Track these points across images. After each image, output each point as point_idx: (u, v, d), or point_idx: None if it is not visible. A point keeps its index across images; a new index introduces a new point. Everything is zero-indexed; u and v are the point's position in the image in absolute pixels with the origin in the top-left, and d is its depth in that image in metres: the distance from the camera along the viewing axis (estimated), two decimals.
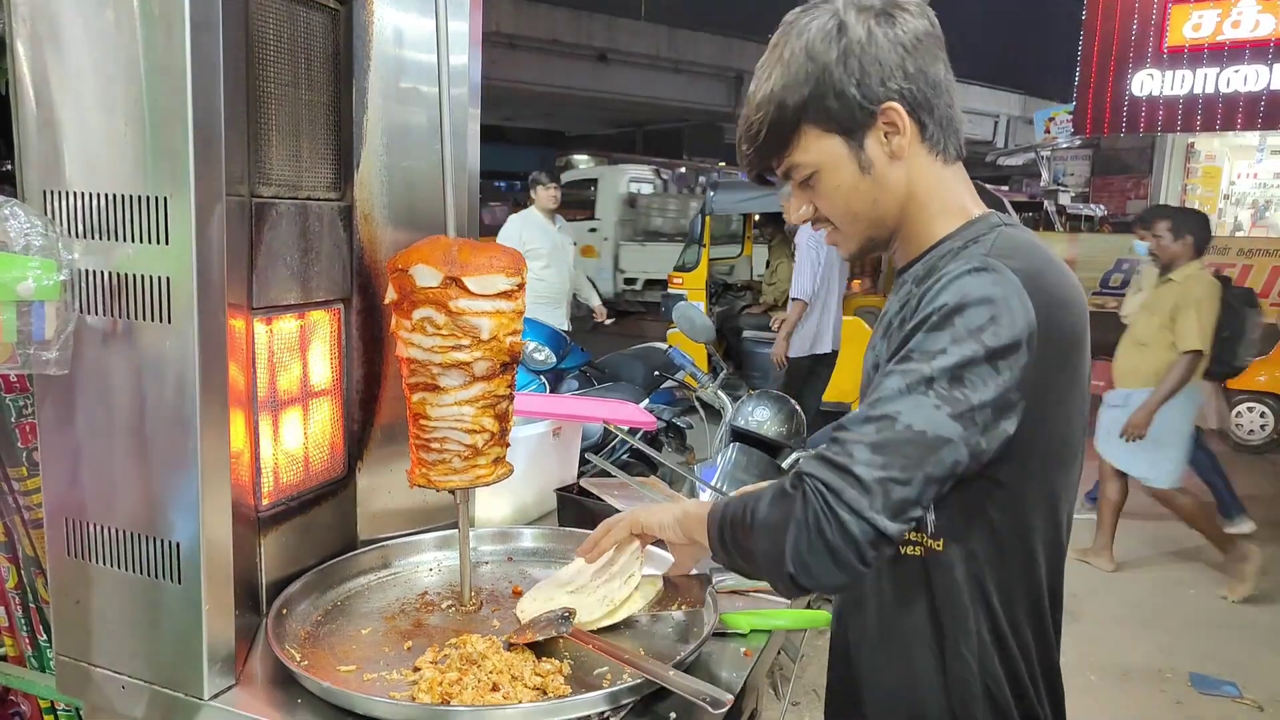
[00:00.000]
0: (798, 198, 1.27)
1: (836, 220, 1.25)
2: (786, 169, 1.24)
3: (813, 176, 1.22)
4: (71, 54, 1.12)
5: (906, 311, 1.14)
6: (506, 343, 1.35)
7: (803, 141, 1.21)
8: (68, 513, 1.24)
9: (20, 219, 1.08)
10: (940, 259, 1.18)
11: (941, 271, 1.11)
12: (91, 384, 1.19)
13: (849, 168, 1.20)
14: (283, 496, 1.45)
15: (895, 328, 1.15)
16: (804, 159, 1.21)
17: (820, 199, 1.24)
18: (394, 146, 1.57)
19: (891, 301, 1.25)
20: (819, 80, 1.17)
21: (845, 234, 1.26)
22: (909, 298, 1.16)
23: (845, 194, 1.22)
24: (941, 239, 1.22)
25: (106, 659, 1.25)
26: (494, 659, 1.25)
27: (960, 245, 1.17)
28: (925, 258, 1.23)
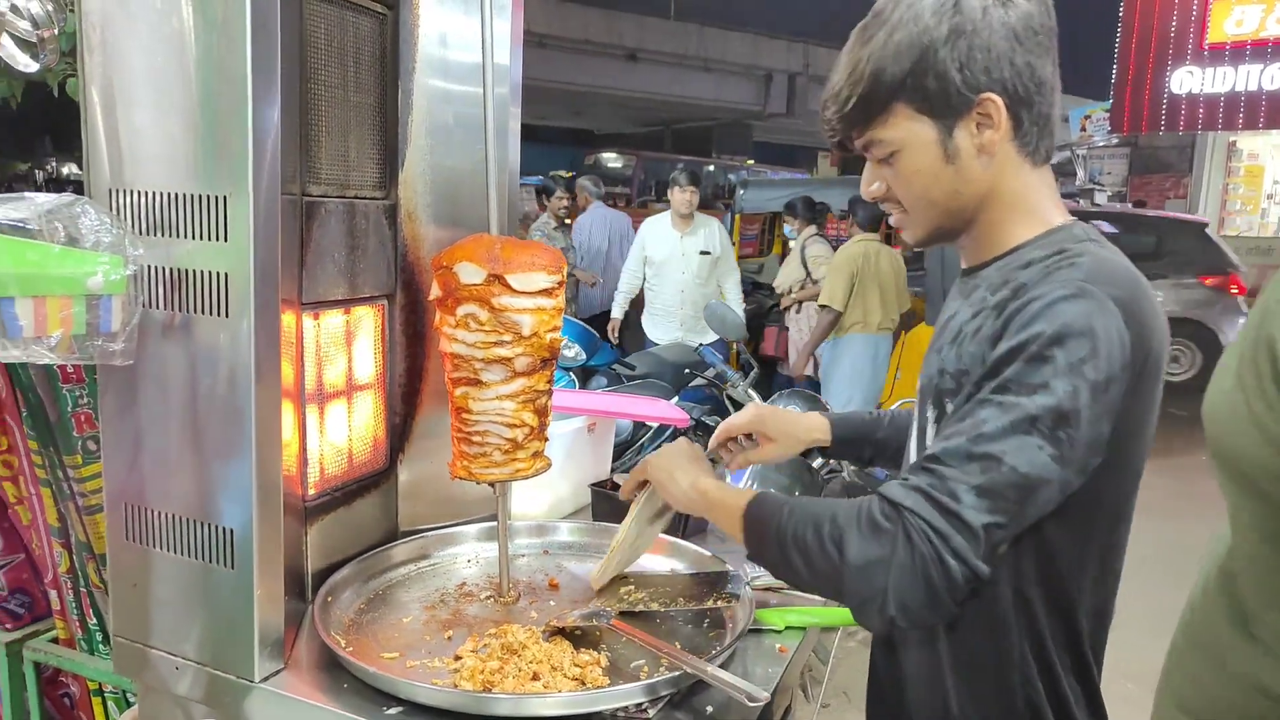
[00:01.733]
0: (873, 172, 1.22)
1: (909, 204, 1.21)
2: (867, 142, 1.19)
3: (894, 155, 1.17)
4: (138, 59, 1.17)
5: (986, 324, 1.11)
6: (547, 339, 1.38)
7: (891, 118, 1.15)
8: (127, 499, 1.28)
9: (91, 216, 1.12)
10: (1019, 269, 1.14)
11: (1034, 292, 1.06)
12: (152, 375, 1.23)
13: (933, 153, 1.16)
14: (328, 487, 1.49)
15: (970, 337, 1.13)
16: (888, 136, 1.16)
17: (897, 180, 1.19)
18: (437, 146, 1.60)
19: (959, 305, 1.21)
20: (922, 57, 1.11)
21: (914, 219, 1.22)
22: (983, 305, 1.14)
23: (924, 180, 1.17)
24: (1019, 245, 1.18)
25: (161, 641, 1.29)
26: (534, 649, 1.28)
27: (1044, 257, 1.13)
28: (999, 262, 1.19)
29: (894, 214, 1.24)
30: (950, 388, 1.17)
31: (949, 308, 1.27)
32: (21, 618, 1.86)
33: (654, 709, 1.17)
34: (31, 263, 1.08)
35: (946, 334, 1.22)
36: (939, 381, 1.19)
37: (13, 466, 1.79)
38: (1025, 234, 1.19)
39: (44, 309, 1.09)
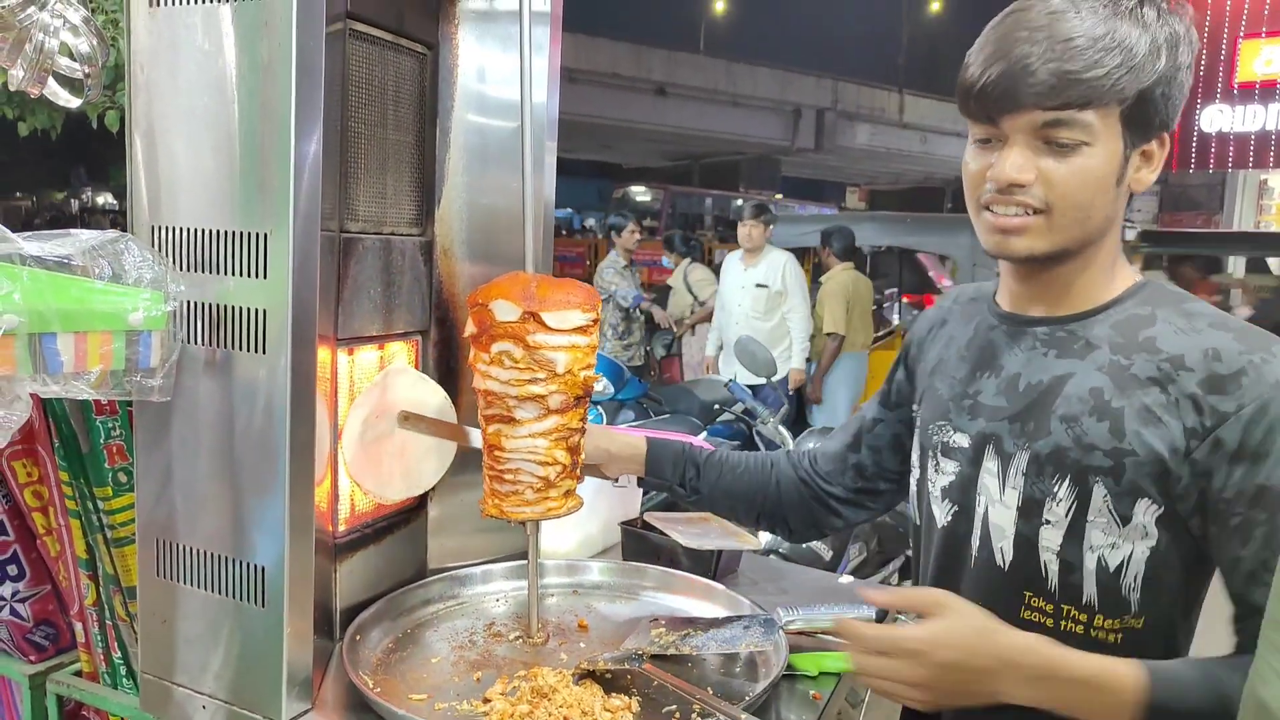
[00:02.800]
0: (1027, 157, 1.12)
1: (1062, 206, 1.13)
2: (1066, 120, 1.10)
3: (1079, 147, 1.11)
4: (183, 99, 1.18)
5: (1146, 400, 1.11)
6: (581, 377, 1.37)
7: (1105, 109, 1.09)
8: (158, 533, 1.28)
9: (134, 253, 1.13)
10: (1145, 328, 1.14)
11: (1258, 397, 1.05)
12: (187, 410, 1.23)
13: (1111, 166, 1.12)
14: (358, 524, 1.48)
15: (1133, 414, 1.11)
16: (1094, 123, 1.10)
17: (1067, 174, 1.11)
18: (474, 182, 1.61)
19: (1069, 365, 1.18)
20: (1163, 79, 1.09)
21: (1055, 225, 1.14)
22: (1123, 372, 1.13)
23: (1092, 185, 1.12)
24: (1119, 298, 1.18)
25: (188, 678, 1.28)
26: (564, 693, 1.26)
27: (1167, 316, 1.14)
28: (1104, 316, 1.18)
29: (1014, 214, 1.15)
30: (1105, 466, 1.13)
31: (1046, 363, 1.22)
32: (46, 650, 1.85)
33: None
34: (74, 298, 1.08)
35: (1073, 402, 1.17)
36: (1082, 457, 1.15)
37: (43, 497, 1.79)
38: (1119, 286, 1.18)
39: (85, 344, 1.09)
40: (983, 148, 1.17)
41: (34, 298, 1.04)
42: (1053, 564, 1.19)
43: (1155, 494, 1.12)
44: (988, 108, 1.13)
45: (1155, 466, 1.11)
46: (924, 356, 1.45)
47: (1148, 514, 1.13)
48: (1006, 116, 1.11)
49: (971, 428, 1.28)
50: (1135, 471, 1.12)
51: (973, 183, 1.19)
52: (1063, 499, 1.17)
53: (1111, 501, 1.14)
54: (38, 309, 1.05)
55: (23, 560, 1.83)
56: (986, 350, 1.30)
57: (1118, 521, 1.14)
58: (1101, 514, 1.15)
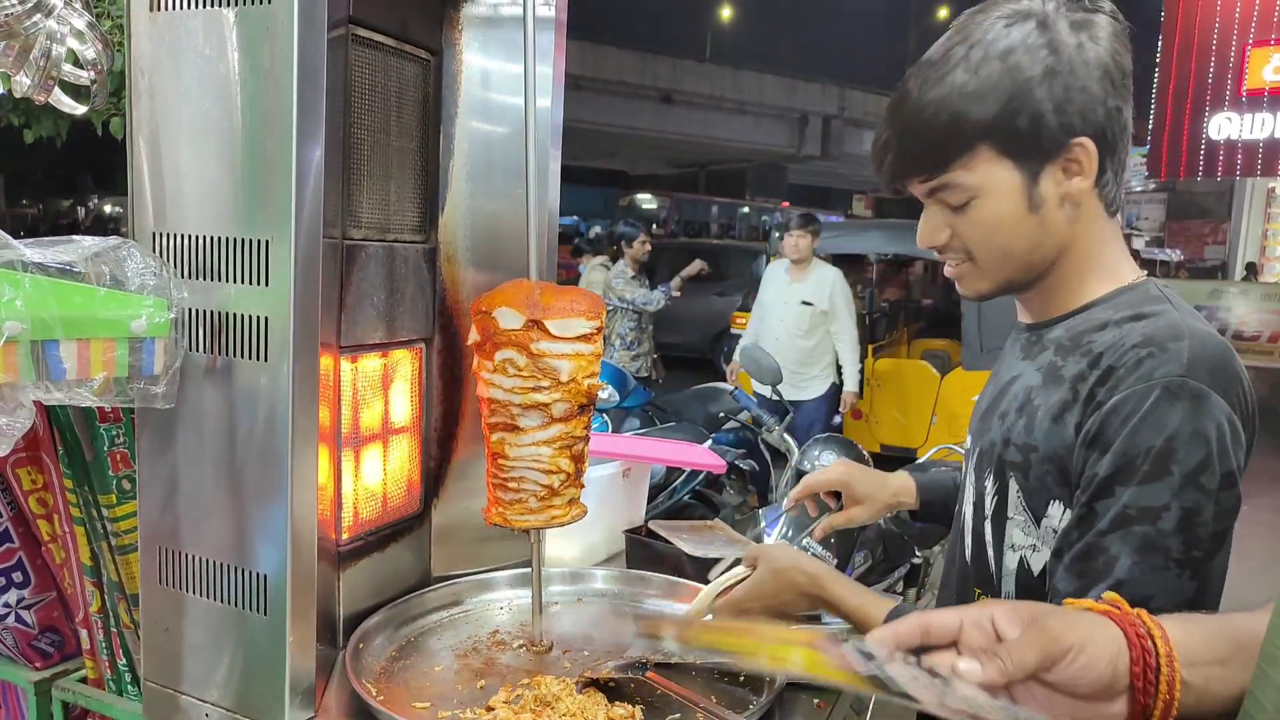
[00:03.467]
0: (936, 218, 1.14)
1: (980, 255, 1.13)
2: (939, 186, 1.11)
3: (970, 202, 1.10)
4: (185, 105, 1.18)
5: (1060, 398, 1.07)
6: (585, 385, 1.36)
7: (972, 162, 1.07)
8: (161, 541, 1.28)
9: (136, 259, 1.13)
10: (1093, 331, 1.09)
11: (1128, 390, 1.00)
12: (190, 417, 1.23)
13: (1016, 202, 1.09)
14: (361, 532, 1.48)
15: (1044, 411, 1.09)
16: (967, 181, 1.09)
17: (970, 228, 1.12)
18: (477, 190, 1.61)
19: (1023, 367, 1.17)
20: (1013, 97, 1.04)
21: (984, 271, 1.15)
22: (1054, 373, 1.10)
23: (1004, 230, 1.10)
24: (1090, 303, 1.14)
25: (192, 686, 1.28)
26: (567, 701, 1.25)
27: (1120, 320, 1.08)
28: (1068, 322, 1.15)
29: (953, 264, 1.17)
30: (1017, 461, 1.13)
31: (1009, 367, 1.23)
32: (51, 656, 1.85)
33: None
34: (77, 305, 1.08)
35: (1010, 398, 1.17)
36: (1003, 452, 1.15)
37: (47, 504, 1.79)
38: (1096, 290, 1.14)
39: (88, 352, 1.09)
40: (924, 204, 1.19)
41: (36, 305, 1.04)
42: (991, 561, 1.20)
43: (1061, 495, 1.09)
44: (884, 181, 1.17)
45: (1055, 464, 1.08)
46: None
47: (1060, 518, 1.09)
48: (900, 187, 1.16)
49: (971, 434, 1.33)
50: (1039, 468, 1.10)
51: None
52: (990, 494, 1.18)
53: (1024, 499, 1.13)
54: (40, 316, 1.05)
55: (28, 567, 1.83)
56: (1000, 362, 1.32)
57: (1033, 520, 1.12)
58: (1019, 511, 1.14)
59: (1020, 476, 1.13)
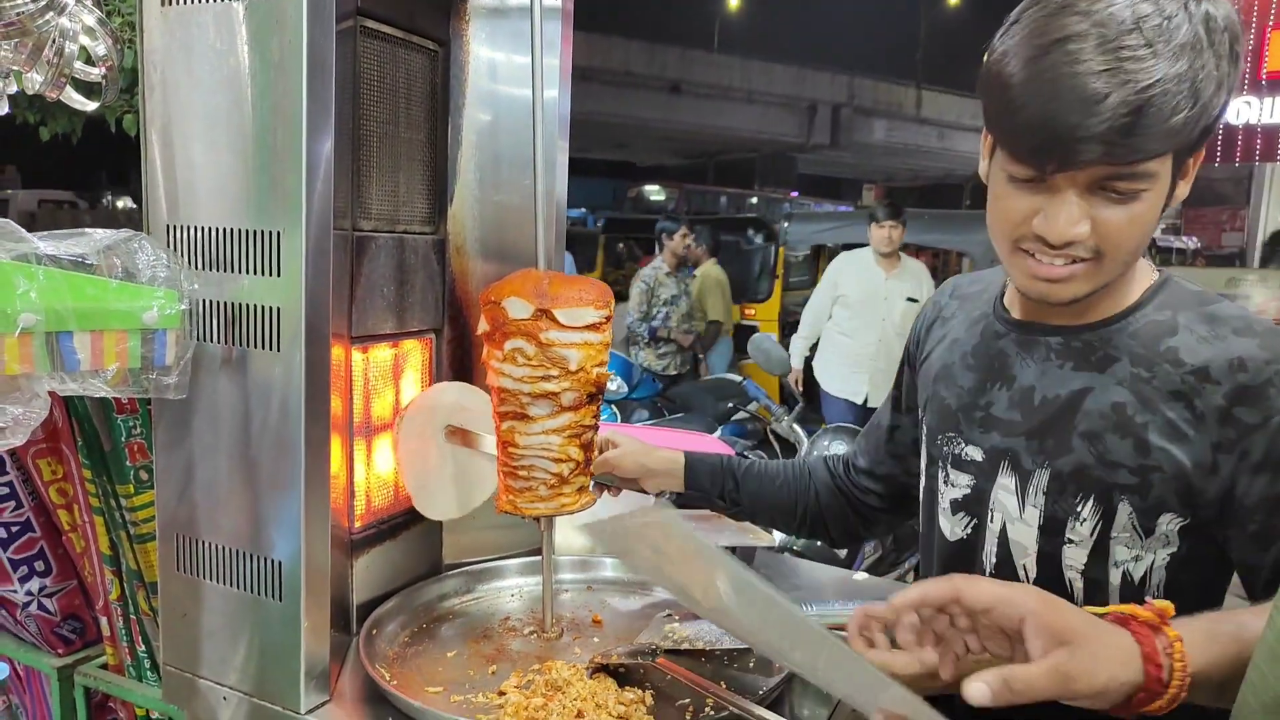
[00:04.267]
0: (1079, 210, 1.02)
1: (1113, 252, 1.05)
2: (1135, 172, 0.99)
3: (1139, 194, 1.01)
4: (196, 98, 1.19)
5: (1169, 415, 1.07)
6: (593, 374, 1.37)
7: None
8: (178, 529, 1.30)
9: (148, 251, 1.15)
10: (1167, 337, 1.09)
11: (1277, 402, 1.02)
12: (204, 407, 1.25)
13: (1163, 200, 1.03)
14: (374, 520, 1.50)
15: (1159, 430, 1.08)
16: (1159, 170, 1.00)
17: (1125, 222, 1.02)
18: (486, 181, 1.62)
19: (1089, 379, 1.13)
20: (1219, 88, 0.98)
21: (1101, 270, 1.06)
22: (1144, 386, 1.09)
23: (1145, 228, 1.04)
24: (1136, 304, 1.13)
25: (210, 671, 1.30)
26: (578, 686, 1.26)
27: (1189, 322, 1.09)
28: (1121, 324, 1.13)
29: (1063, 263, 1.05)
30: (1131, 484, 1.10)
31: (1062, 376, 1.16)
32: (73, 643, 1.88)
33: None
34: (90, 297, 1.10)
35: (1092, 418, 1.12)
36: (1105, 475, 1.11)
37: (67, 495, 1.81)
38: (1140, 287, 1.14)
39: (101, 343, 1.11)
40: (1024, 186, 1.05)
41: (50, 296, 1.06)
42: (1078, 581, 1.17)
43: (1179, 506, 1.09)
44: (1044, 159, 1.00)
45: (1180, 481, 1.08)
46: (926, 358, 1.40)
47: (1171, 525, 1.10)
48: (1065, 172, 1.00)
49: (985, 441, 1.24)
50: (1161, 488, 1.09)
51: (1010, 222, 1.08)
52: (1087, 518, 1.14)
53: (1137, 518, 1.11)
54: (54, 307, 1.06)
55: (49, 556, 1.85)
56: (996, 360, 1.25)
57: (1140, 534, 1.12)
58: (1125, 530, 1.12)
59: (1136, 498, 1.11)
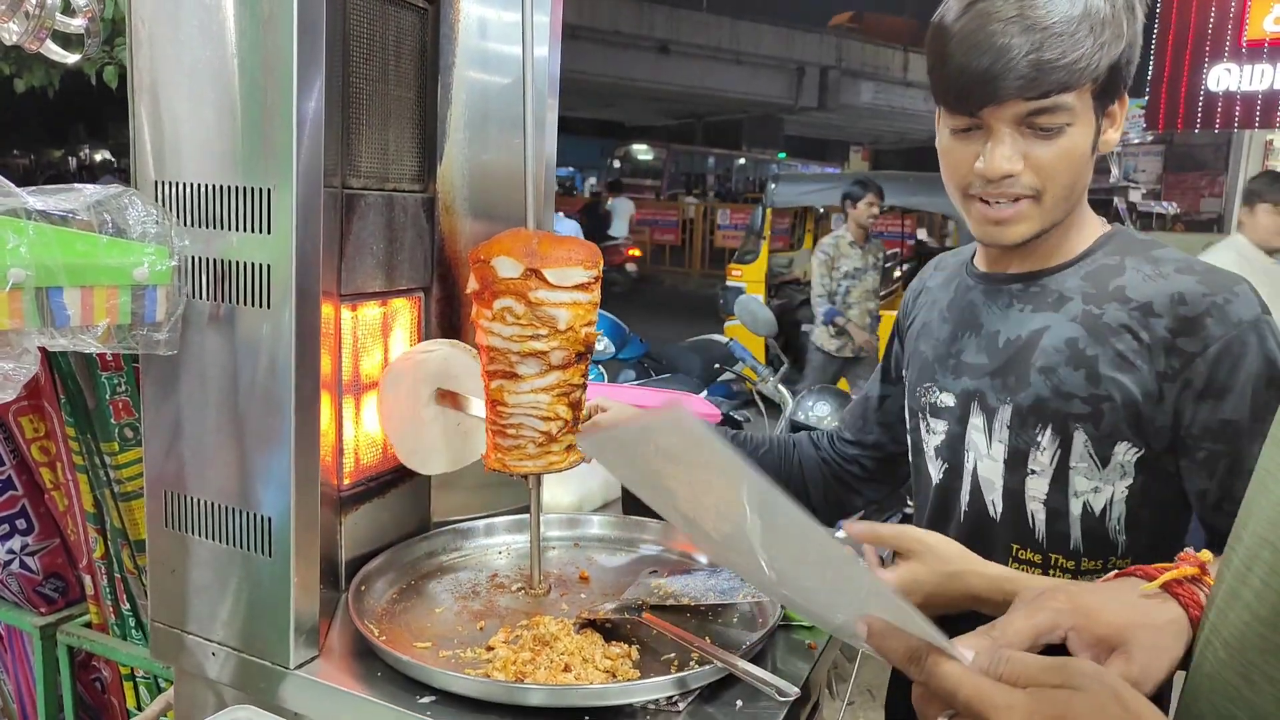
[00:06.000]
0: (1013, 146, 1.13)
1: (1050, 188, 1.15)
2: (1047, 107, 1.10)
3: (1064, 129, 1.12)
4: (185, 53, 1.18)
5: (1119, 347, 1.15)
6: (582, 333, 1.38)
7: (1081, 89, 1.10)
8: (167, 485, 1.30)
9: (138, 208, 1.14)
10: (1114, 276, 1.17)
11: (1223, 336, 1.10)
12: (193, 364, 1.25)
13: (1089, 139, 1.14)
14: (362, 477, 1.50)
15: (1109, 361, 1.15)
16: (1076, 105, 1.11)
17: (1054, 157, 1.13)
18: (475, 139, 1.61)
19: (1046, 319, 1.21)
20: (1132, 34, 1.11)
21: (1042, 209, 1.17)
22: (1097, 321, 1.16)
23: (1077, 164, 1.15)
24: (1089, 250, 1.21)
25: (198, 626, 1.31)
26: (565, 641, 1.28)
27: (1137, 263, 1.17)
28: (1074, 269, 1.21)
29: (1007, 201, 1.17)
30: (1084, 413, 1.17)
31: (1022, 318, 1.25)
32: (55, 602, 1.89)
33: (684, 702, 1.18)
34: (80, 253, 1.10)
35: (1047, 352, 1.20)
36: (1061, 405, 1.19)
37: (50, 452, 1.82)
38: (1089, 237, 1.22)
39: (91, 299, 1.11)
40: (963, 136, 1.18)
41: (40, 251, 1.06)
42: (1040, 513, 1.24)
43: (1132, 436, 1.17)
44: (968, 102, 1.13)
45: (1130, 410, 1.16)
46: (911, 325, 1.48)
47: (1127, 455, 1.18)
48: (989, 108, 1.12)
49: (956, 386, 1.32)
50: (1112, 416, 1.16)
51: (958, 172, 1.20)
52: (1046, 448, 1.21)
53: (1092, 446, 1.19)
54: (44, 263, 1.06)
55: (31, 514, 1.86)
56: (967, 310, 1.33)
57: (1098, 464, 1.19)
58: (1083, 459, 1.20)
59: (1090, 426, 1.18)
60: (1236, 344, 1.10)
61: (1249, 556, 0.69)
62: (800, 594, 0.93)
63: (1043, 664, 0.68)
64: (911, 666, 0.70)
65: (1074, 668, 0.66)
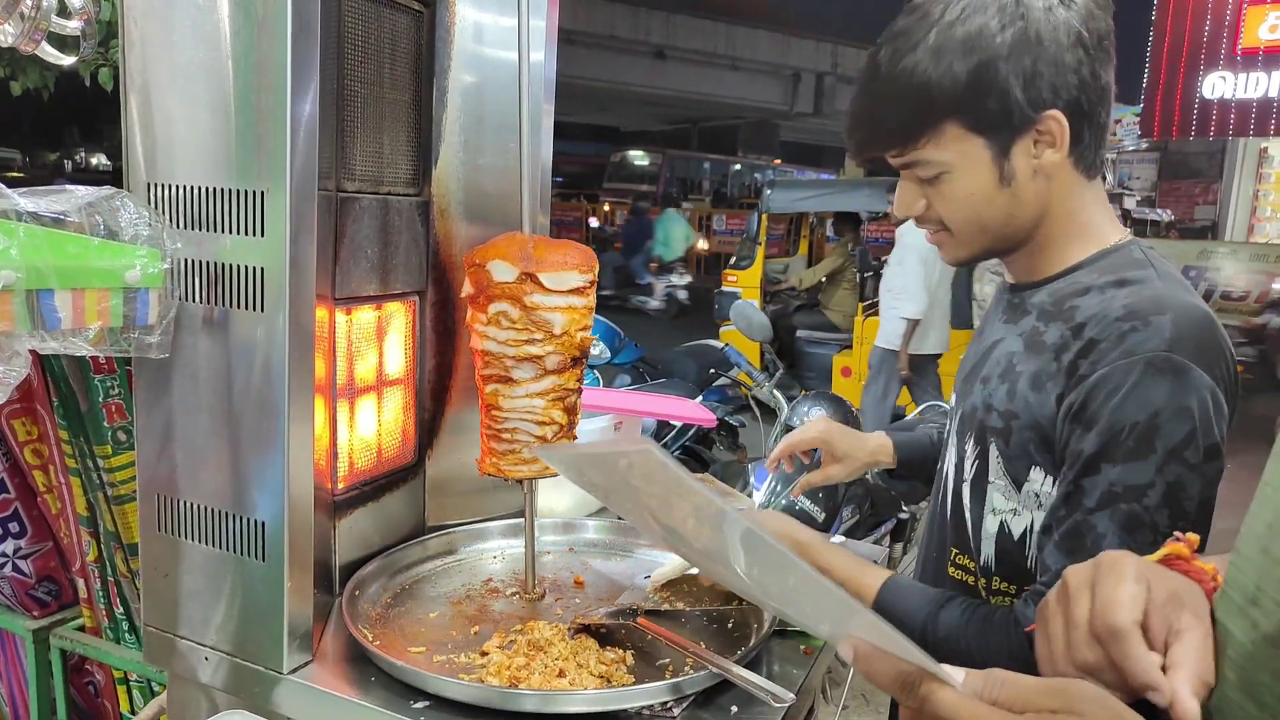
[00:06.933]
0: (911, 191, 1.14)
1: (956, 228, 1.14)
2: (909, 162, 1.10)
3: (940, 176, 1.10)
4: (179, 54, 1.17)
5: (1043, 367, 1.08)
6: (577, 338, 1.38)
7: (940, 138, 1.07)
8: (159, 489, 1.29)
9: (130, 210, 1.13)
10: (1076, 296, 1.10)
11: (1110, 365, 1.00)
12: (186, 367, 1.24)
13: (987, 176, 1.08)
14: (357, 481, 1.50)
15: (1027, 378, 1.10)
16: (936, 157, 1.08)
17: (943, 202, 1.12)
18: (471, 143, 1.61)
19: (1005, 332, 1.19)
20: (981, 75, 1.03)
21: (960, 241, 1.16)
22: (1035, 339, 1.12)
23: (976, 204, 1.10)
24: (1074, 266, 1.14)
25: (191, 631, 1.30)
26: (560, 646, 1.28)
27: (1104, 285, 1.08)
28: (1051, 286, 1.15)
29: (932, 232, 1.18)
30: (997, 427, 1.14)
31: (992, 330, 1.24)
32: (49, 605, 1.88)
33: (679, 708, 1.17)
34: (71, 255, 1.09)
35: (992, 364, 1.18)
36: (984, 417, 1.17)
37: (43, 455, 1.81)
38: (1080, 252, 1.14)
39: (82, 301, 1.10)
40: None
41: (31, 254, 1.05)
42: (967, 522, 1.23)
43: (1042, 461, 1.11)
44: (853, 153, 1.19)
45: (1036, 432, 1.10)
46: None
47: (1043, 483, 1.11)
48: (869, 159, 1.17)
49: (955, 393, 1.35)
50: (1020, 435, 1.11)
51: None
52: (969, 457, 1.21)
53: (1005, 464, 1.15)
54: (35, 265, 1.05)
55: (24, 517, 1.85)
56: (986, 319, 1.34)
57: (1014, 486, 1.14)
58: (999, 476, 1.16)
59: (1001, 443, 1.14)
60: (1117, 375, 1.00)
61: (1258, 574, 0.67)
62: (786, 605, 0.93)
63: (1041, 687, 0.65)
64: (903, 693, 0.68)
65: (1074, 690, 0.64)
